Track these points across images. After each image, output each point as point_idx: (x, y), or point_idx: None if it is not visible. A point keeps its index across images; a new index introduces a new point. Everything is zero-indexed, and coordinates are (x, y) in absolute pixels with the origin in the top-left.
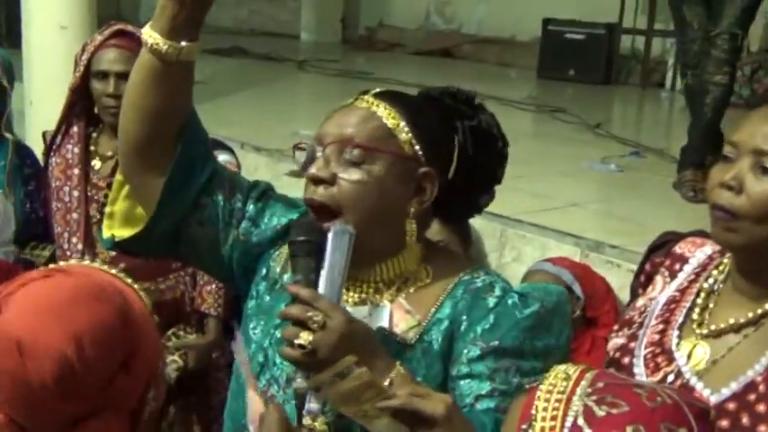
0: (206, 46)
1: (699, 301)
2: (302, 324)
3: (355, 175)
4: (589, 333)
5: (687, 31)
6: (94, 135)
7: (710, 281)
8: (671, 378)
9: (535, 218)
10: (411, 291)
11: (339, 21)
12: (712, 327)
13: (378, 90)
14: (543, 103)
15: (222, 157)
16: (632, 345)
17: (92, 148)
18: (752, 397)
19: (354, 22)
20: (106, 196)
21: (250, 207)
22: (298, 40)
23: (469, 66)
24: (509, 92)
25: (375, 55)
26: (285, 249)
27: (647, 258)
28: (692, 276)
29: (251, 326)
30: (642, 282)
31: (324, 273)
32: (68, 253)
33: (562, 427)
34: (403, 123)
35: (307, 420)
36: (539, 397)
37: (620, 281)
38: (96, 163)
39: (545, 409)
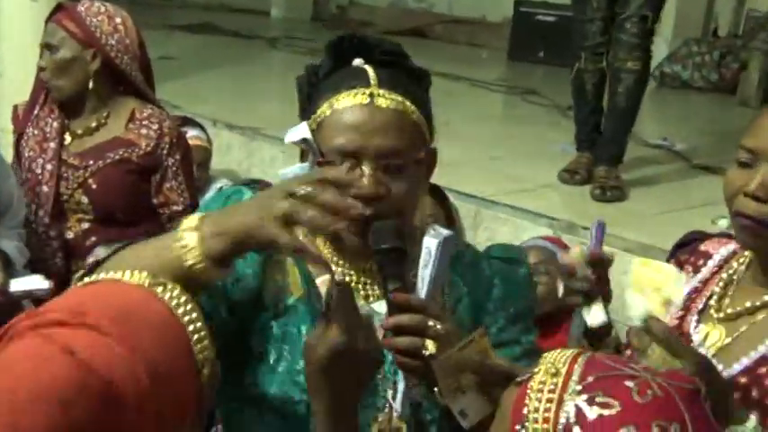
0: (176, 22)
1: (718, 289)
2: (418, 333)
3: (404, 184)
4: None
5: (586, 10)
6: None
7: (731, 271)
8: None
9: (508, 199)
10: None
11: None
12: (729, 311)
13: (380, 77)
14: (514, 84)
15: (191, 133)
16: None
17: (66, 121)
18: (762, 370)
19: (325, 0)
20: (76, 173)
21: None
22: (268, 17)
23: (441, 46)
24: (480, 73)
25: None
26: (269, 279)
27: (673, 255)
28: (715, 269)
29: (270, 358)
30: None
31: (427, 279)
32: (34, 226)
33: (555, 430)
34: (419, 113)
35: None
36: (529, 396)
37: None
38: (67, 137)
39: (536, 410)
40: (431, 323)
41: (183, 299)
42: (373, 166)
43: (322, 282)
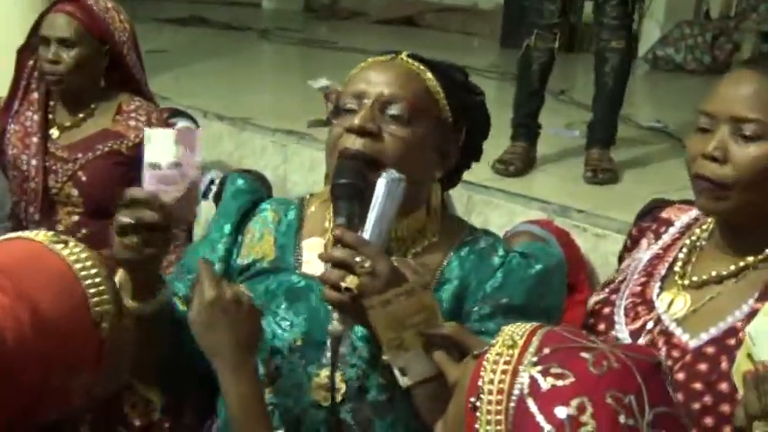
0: (166, 15)
1: (681, 255)
2: (347, 268)
3: (403, 132)
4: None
5: None
6: (52, 102)
7: (693, 237)
8: (650, 325)
9: (501, 184)
10: (418, 250)
11: None
12: (694, 278)
13: (410, 52)
14: (506, 71)
15: (181, 124)
16: (613, 297)
17: (50, 116)
18: (732, 342)
19: None
20: (65, 166)
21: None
22: (259, 9)
23: (432, 34)
24: (472, 60)
25: (338, 24)
26: (245, 240)
27: (635, 224)
28: (677, 235)
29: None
30: (629, 246)
31: (372, 219)
32: (24, 223)
33: (509, 401)
34: (440, 88)
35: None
36: (485, 368)
37: (585, 244)
38: (54, 132)
39: (491, 382)
40: (358, 259)
41: (83, 256)
42: (371, 104)
43: (309, 244)
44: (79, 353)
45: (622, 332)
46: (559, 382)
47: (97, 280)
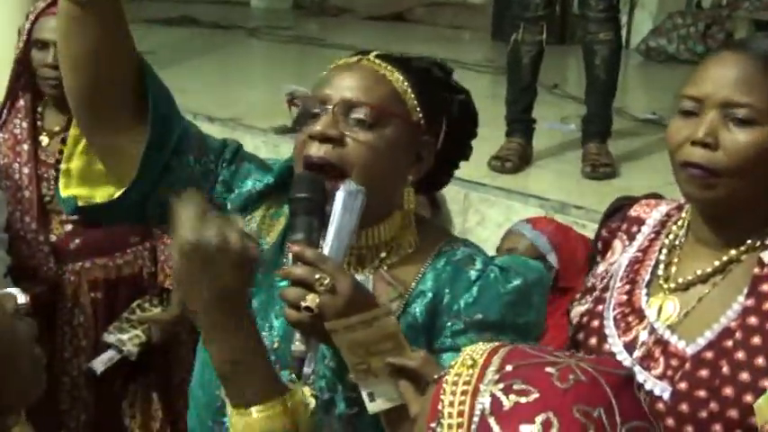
0: (154, 15)
1: (662, 257)
2: (307, 286)
3: (366, 136)
4: (562, 302)
5: None
6: (40, 109)
7: (671, 236)
8: (644, 336)
9: (498, 180)
10: (393, 261)
11: None
12: (679, 280)
13: (379, 52)
14: (499, 64)
15: None
16: (600, 308)
17: (38, 123)
18: (728, 344)
19: None
20: (56, 173)
21: (224, 170)
22: (248, 7)
23: (423, 29)
24: (464, 54)
25: (327, 21)
26: (257, 215)
27: (603, 225)
28: (652, 235)
29: None
30: (600, 249)
31: (331, 233)
32: (21, 233)
33: (470, 424)
34: (409, 89)
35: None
36: (444, 390)
37: None
38: (44, 139)
39: (451, 404)
40: (317, 276)
41: None
42: (334, 110)
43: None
44: None
45: (616, 345)
46: (522, 399)
47: None
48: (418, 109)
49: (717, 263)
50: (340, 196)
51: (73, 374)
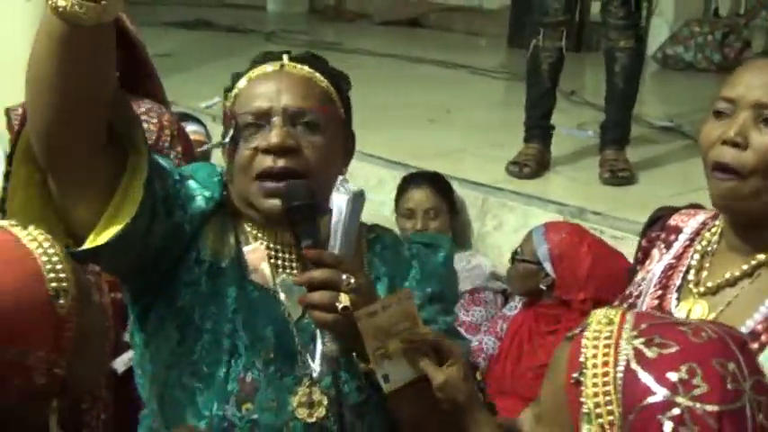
0: (170, 19)
1: (694, 263)
2: (332, 287)
3: (317, 140)
4: (567, 313)
5: None
6: None
7: (704, 243)
8: None
9: (516, 185)
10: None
11: None
12: (708, 284)
13: (293, 54)
14: (515, 71)
15: (190, 128)
16: None
17: None
18: (755, 346)
19: None
20: None
21: (179, 192)
22: (264, 12)
23: (438, 35)
24: (480, 61)
25: (343, 26)
26: (209, 235)
27: (644, 234)
28: (687, 242)
29: (196, 316)
30: (640, 259)
31: (339, 234)
32: None
33: (615, 372)
34: (332, 87)
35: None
36: (585, 345)
37: None
38: None
39: (595, 356)
40: (344, 276)
41: (41, 237)
42: (282, 120)
43: (250, 250)
44: (35, 326)
45: None
46: (665, 351)
47: (54, 258)
48: (340, 105)
49: (745, 267)
50: (344, 200)
51: None
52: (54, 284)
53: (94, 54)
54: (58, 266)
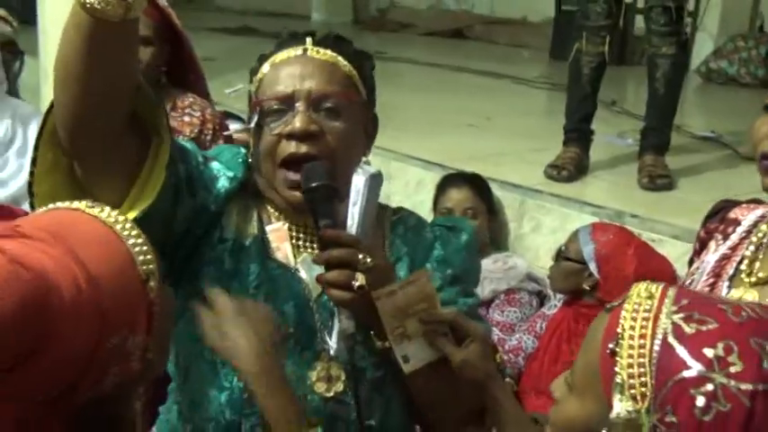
0: (213, 25)
1: (748, 253)
2: (349, 266)
3: (341, 125)
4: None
5: None
6: None
7: (760, 234)
8: None
9: (554, 188)
10: None
11: (350, 1)
12: (760, 274)
13: (318, 38)
14: (557, 81)
15: (234, 126)
16: None
17: None
18: None
19: (365, 3)
20: None
21: (202, 173)
22: (308, 21)
23: (481, 46)
24: (522, 71)
25: (387, 36)
26: (233, 213)
27: (702, 226)
28: (744, 234)
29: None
30: (697, 249)
31: (356, 215)
32: None
33: (652, 344)
34: (354, 71)
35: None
36: (624, 317)
37: None
38: None
39: (632, 328)
40: (360, 256)
41: (120, 218)
42: (305, 106)
43: (273, 229)
44: (132, 311)
45: None
46: (703, 327)
47: (139, 240)
48: (362, 87)
49: None
50: (362, 180)
51: None
52: (144, 267)
53: (119, 49)
54: (144, 248)
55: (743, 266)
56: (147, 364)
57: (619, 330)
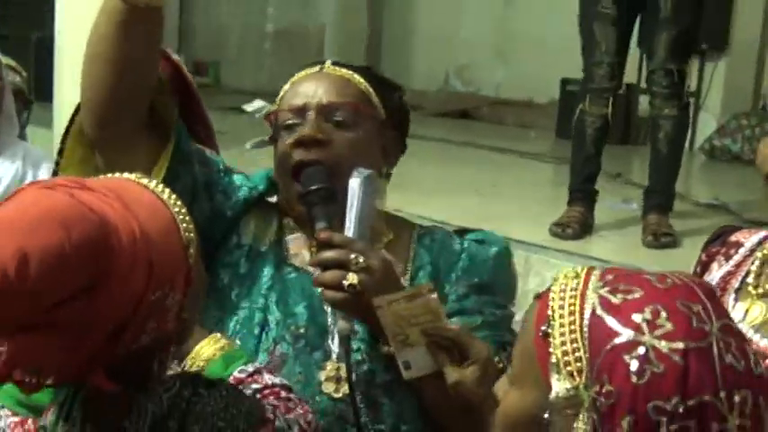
0: (225, 104)
1: (754, 268)
2: (341, 267)
3: (350, 135)
4: None
5: (594, 53)
6: None
7: (765, 251)
8: None
9: (559, 245)
10: (380, 246)
11: None
12: (767, 286)
13: (335, 60)
14: (562, 156)
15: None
16: None
17: None
18: None
19: None
20: None
21: (222, 179)
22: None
23: (489, 126)
24: (529, 147)
25: None
26: (252, 221)
27: (704, 249)
28: (748, 253)
29: (233, 295)
30: (699, 272)
31: (352, 218)
32: None
33: (581, 319)
34: (371, 89)
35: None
36: (552, 298)
37: None
38: None
39: (561, 308)
40: (353, 256)
41: (167, 190)
42: (315, 115)
43: (293, 238)
44: (174, 270)
45: None
46: (629, 296)
47: (183, 210)
48: (381, 107)
49: None
50: (356, 182)
51: None
52: (186, 234)
53: (146, 36)
54: (186, 218)
55: (749, 279)
56: (181, 323)
57: (549, 312)
